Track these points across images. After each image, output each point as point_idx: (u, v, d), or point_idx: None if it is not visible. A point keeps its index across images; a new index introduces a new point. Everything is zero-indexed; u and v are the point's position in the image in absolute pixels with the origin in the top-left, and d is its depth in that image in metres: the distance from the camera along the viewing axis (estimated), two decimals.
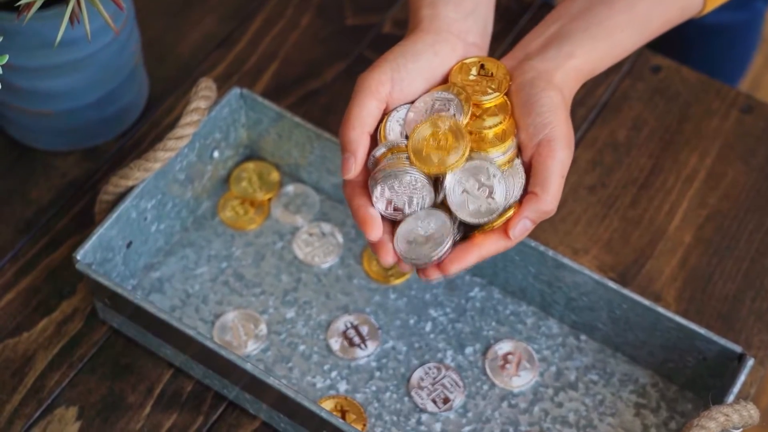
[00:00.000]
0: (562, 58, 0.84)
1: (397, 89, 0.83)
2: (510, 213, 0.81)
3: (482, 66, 0.85)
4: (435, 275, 0.83)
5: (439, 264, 0.82)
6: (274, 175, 1.01)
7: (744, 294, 0.97)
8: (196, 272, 0.96)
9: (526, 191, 0.82)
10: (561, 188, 0.82)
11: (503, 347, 0.94)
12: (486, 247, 0.82)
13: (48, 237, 0.98)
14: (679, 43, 1.38)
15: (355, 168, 0.82)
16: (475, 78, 0.84)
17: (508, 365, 0.93)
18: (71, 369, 0.92)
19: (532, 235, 0.98)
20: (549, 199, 0.81)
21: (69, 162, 1.02)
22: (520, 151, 0.83)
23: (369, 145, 0.83)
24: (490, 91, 0.84)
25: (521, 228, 0.81)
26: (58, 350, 0.92)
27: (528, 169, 0.83)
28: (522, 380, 0.92)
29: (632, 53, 1.09)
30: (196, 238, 0.98)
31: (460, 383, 0.92)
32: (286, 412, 0.87)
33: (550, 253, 0.90)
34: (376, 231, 0.82)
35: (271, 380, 0.84)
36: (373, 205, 0.82)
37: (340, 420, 0.82)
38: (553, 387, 0.92)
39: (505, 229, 0.81)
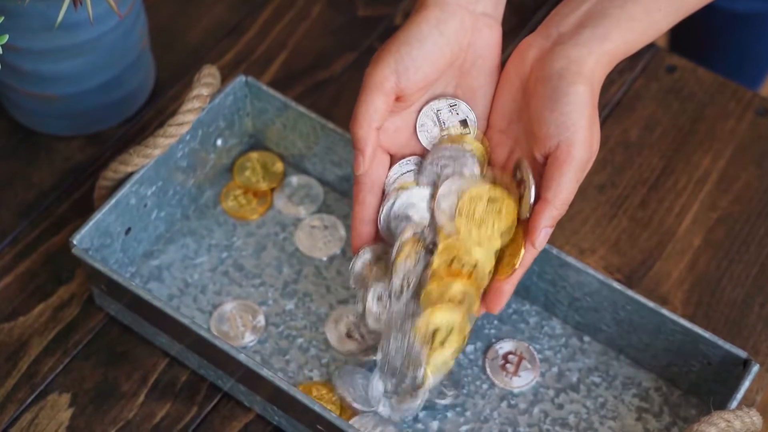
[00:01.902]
0: (596, 42, 0.81)
1: (403, 79, 0.82)
2: (516, 269, 0.82)
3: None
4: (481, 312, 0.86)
5: (485, 304, 0.84)
6: (278, 166, 1.00)
7: (753, 299, 0.95)
8: (195, 261, 0.95)
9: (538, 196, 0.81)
10: (574, 192, 0.81)
11: (504, 346, 0.92)
12: (515, 276, 0.83)
13: (48, 222, 0.97)
14: (706, 31, 1.35)
15: (364, 164, 0.83)
16: (482, 212, 0.83)
17: (508, 365, 0.91)
18: (66, 355, 0.91)
19: None
20: (559, 204, 0.80)
21: (72, 147, 1.01)
22: (535, 144, 0.81)
23: (377, 139, 0.83)
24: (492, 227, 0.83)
25: (544, 236, 0.81)
26: (53, 336, 0.91)
27: (543, 164, 0.81)
28: (522, 380, 0.91)
29: (645, 50, 1.08)
30: (197, 226, 0.97)
31: (460, 381, 0.90)
32: (280, 405, 0.85)
33: (554, 251, 0.88)
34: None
35: (264, 372, 0.82)
36: (370, 219, 0.85)
37: (333, 414, 0.81)
38: (554, 388, 0.90)
39: (529, 240, 0.81)
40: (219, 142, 0.96)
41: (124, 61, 0.98)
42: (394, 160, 0.86)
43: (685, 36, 1.38)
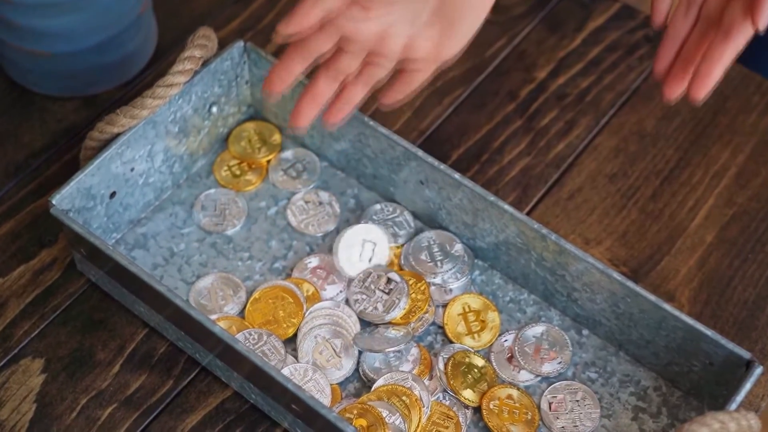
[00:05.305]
0: None
1: None
2: None
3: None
4: (678, 90, 0.79)
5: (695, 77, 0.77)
6: (276, 137, 0.96)
7: (764, 301, 0.90)
8: (183, 231, 0.92)
9: None
10: None
11: (508, 339, 0.88)
12: (726, 57, 0.76)
13: (35, 183, 0.94)
14: None
15: (286, 26, 0.76)
16: None
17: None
18: (42, 320, 0.87)
19: (541, 218, 0.93)
20: None
21: (67, 108, 0.98)
22: None
23: (316, 22, 0.77)
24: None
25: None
26: (31, 299, 0.88)
27: None
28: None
29: None
30: (188, 195, 0.94)
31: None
32: (256, 383, 0.82)
33: (553, 237, 0.84)
34: (271, 97, 0.81)
35: (239, 347, 0.79)
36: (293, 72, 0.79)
37: (307, 394, 0.77)
38: (548, 382, 0.86)
39: (752, 20, 0.74)
40: (214, 109, 0.93)
41: (121, 21, 0.95)
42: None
43: None
